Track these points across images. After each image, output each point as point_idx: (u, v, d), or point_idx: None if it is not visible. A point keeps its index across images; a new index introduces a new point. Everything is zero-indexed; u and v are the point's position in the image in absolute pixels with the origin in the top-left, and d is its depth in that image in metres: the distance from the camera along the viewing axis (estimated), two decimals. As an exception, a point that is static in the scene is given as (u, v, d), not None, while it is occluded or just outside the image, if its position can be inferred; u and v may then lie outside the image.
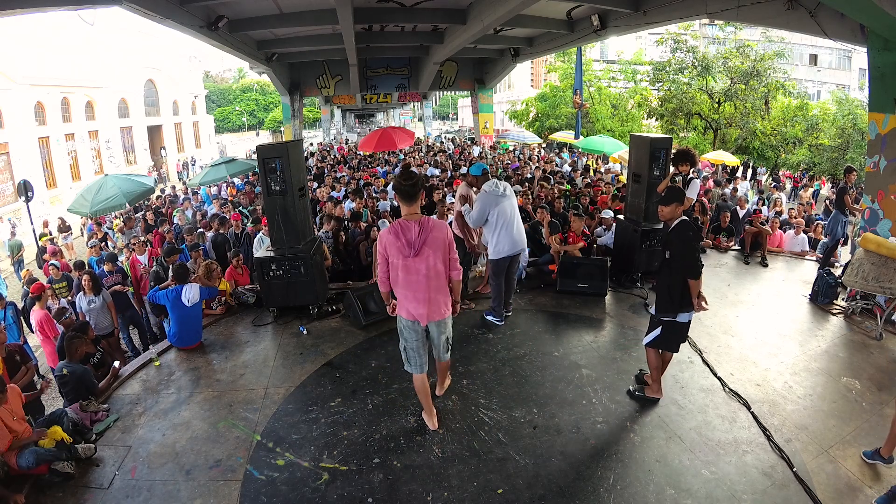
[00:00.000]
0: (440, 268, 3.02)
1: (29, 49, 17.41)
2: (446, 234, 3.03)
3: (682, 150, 5.15)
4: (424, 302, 3.03)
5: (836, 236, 6.23)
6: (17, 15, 6.58)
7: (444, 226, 3.06)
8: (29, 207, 11.35)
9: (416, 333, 3.17)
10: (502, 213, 4.56)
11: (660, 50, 21.60)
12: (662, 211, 3.43)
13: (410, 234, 2.94)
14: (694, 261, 3.33)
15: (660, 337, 3.49)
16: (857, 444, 3.21)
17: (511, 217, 4.60)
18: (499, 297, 4.85)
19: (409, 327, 3.15)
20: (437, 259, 2.99)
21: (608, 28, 9.99)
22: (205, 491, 2.98)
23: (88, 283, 5.42)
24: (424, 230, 2.94)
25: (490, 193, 4.56)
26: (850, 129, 17.90)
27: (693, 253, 3.34)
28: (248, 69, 22.60)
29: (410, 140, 13.02)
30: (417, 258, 2.95)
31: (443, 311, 3.13)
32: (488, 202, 4.55)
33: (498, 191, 4.58)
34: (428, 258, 2.96)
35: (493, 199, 4.55)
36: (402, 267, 2.98)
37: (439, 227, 3.00)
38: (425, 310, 3.05)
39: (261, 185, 5.11)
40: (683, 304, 3.39)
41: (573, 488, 2.90)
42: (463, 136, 31.57)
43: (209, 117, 37.14)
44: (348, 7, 8.66)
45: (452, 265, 3.10)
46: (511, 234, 4.59)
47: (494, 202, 4.54)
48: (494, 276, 4.80)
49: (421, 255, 2.95)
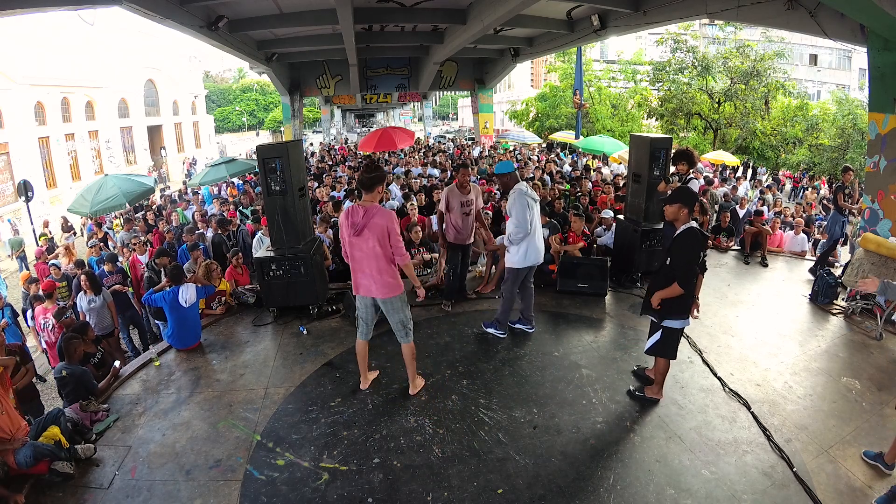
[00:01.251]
0: (379, 250, 3.36)
1: (29, 49, 17.41)
2: (388, 222, 3.34)
3: (681, 149, 5.16)
4: (367, 277, 3.45)
5: (834, 236, 6.22)
6: (17, 15, 6.59)
7: (388, 215, 3.37)
8: (29, 207, 11.36)
9: (364, 305, 3.61)
10: (536, 218, 4.26)
11: (660, 50, 21.63)
12: (666, 210, 3.41)
13: (357, 216, 3.36)
14: (687, 271, 3.27)
15: (659, 342, 3.48)
16: (857, 444, 3.21)
17: (538, 223, 4.33)
18: (508, 310, 4.53)
19: (361, 301, 3.61)
20: (375, 242, 3.34)
21: (608, 28, 9.99)
22: (205, 491, 2.98)
23: (86, 282, 5.42)
24: (368, 215, 3.34)
25: (526, 194, 4.19)
26: (850, 129, 17.90)
27: (690, 263, 3.29)
28: (248, 69, 22.61)
29: (410, 140, 13.02)
30: (359, 238, 3.36)
31: (386, 290, 3.46)
32: (527, 204, 4.16)
33: (531, 192, 4.26)
34: (368, 240, 3.34)
35: (530, 202, 4.20)
36: (349, 244, 3.43)
37: (382, 216, 3.35)
38: (367, 283, 3.47)
39: (261, 185, 5.11)
40: (680, 310, 3.36)
41: (573, 488, 2.90)
42: (463, 135, 31.58)
43: (209, 117, 37.14)
44: (348, 7, 8.66)
45: (395, 251, 3.40)
46: (537, 241, 4.31)
47: (531, 205, 4.20)
48: (510, 285, 4.42)
49: (362, 236, 3.34)
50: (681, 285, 3.27)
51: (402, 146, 12.52)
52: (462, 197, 5.03)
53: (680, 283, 3.27)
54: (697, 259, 3.40)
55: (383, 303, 3.52)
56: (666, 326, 3.43)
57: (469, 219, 5.08)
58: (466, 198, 5.04)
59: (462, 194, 5.04)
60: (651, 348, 3.55)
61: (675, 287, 3.28)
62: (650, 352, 3.59)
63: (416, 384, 3.82)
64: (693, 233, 3.29)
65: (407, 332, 3.60)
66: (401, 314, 3.56)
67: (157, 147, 27.05)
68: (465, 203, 5.03)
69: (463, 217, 5.03)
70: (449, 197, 5.05)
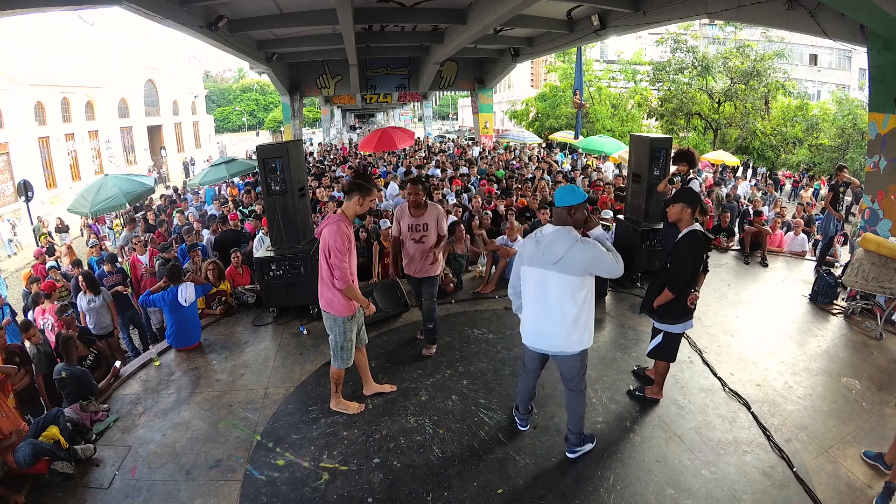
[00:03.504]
0: (322, 263, 3.18)
1: (29, 49, 17.41)
2: (328, 236, 3.10)
3: (682, 149, 5.16)
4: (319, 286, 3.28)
5: (829, 234, 6.22)
6: (17, 15, 6.58)
7: (332, 227, 3.10)
8: (29, 207, 11.37)
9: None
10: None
11: (660, 50, 21.64)
12: (669, 211, 3.38)
13: (321, 225, 3.20)
14: (683, 276, 3.21)
15: (660, 346, 3.48)
16: (857, 444, 3.20)
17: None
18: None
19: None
20: (321, 255, 3.17)
21: (608, 28, 9.99)
22: (205, 491, 2.98)
23: (84, 282, 5.41)
24: (321, 225, 3.16)
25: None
26: (850, 129, 17.91)
27: (686, 268, 3.22)
28: (248, 69, 22.60)
29: (410, 140, 13.03)
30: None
31: (323, 304, 3.28)
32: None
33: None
34: (320, 250, 3.17)
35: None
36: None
37: (328, 228, 3.12)
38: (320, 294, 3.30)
39: (261, 185, 5.11)
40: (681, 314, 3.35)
41: (573, 488, 2.90)
42: (463, 135, 31.57)
43: (209, 117, 37.15)
44: (348, 7, 8.66)
45: (333, 268, 3.14)
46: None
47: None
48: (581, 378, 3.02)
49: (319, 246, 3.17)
50: (673, 292, 3.25)
51: (402, 146, 12.53)
52: (412, 219, 4.05)
53: (672, 290, 3.25)
54: (698, 265, 3.29)
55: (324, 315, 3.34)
56: (666, 331, 3.42)
57: (420, 247, 4.06)
58: (418, 221, 4.04)
59: (413, 216, 4.06)
60: (652, 351, 3.56)
61: (666, 293, 3.27)
62: (651, 355, 3.60)
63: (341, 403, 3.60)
64: (696, 236, 3.24)
65: (335, 353, 3.37)
66: (335, 335, 3.34)
67: (157, 147, 27.05)
68: (415, 227, 4.05)
69: (412, 244, 4.07)
70: (398, 219, 4.17)
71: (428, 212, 4.04)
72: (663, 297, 3.30)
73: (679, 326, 3.40)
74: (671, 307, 3.34)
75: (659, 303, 3.34)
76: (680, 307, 3.33)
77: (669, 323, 3.40)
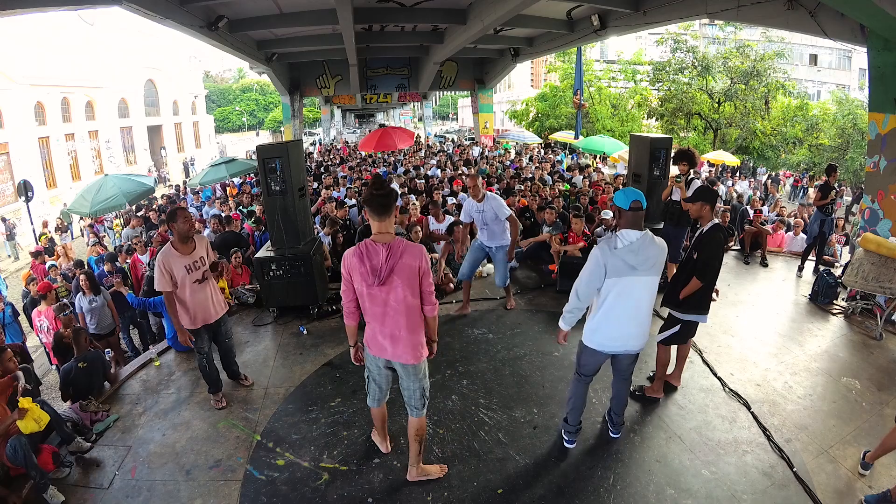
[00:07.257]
0: (410, 301, 2.53)
1: (29, 49, 17.42)
2: (420, 261, 2.51)
3: (682, 149, 5.16)
4: (388, 337, 2.60)
5: (813, 234, 6.18)
6: (17, 15, 6.58)
7: (419, 251, 2.52)
8: (29, 207, 11.37)
9: (378, 369, 2.78)
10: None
11: (660, 50, 21.62)
12: (690, 210, 3.49)
13: (377, 258, 2.44)
14: (714, 267, 3.36)
15: (676, 334, 3.54)
16: (857, 444, 3.21)
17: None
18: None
19: (373, 361, 2.76)
20: (406, 290, 2.50)
21: (608, 28, 9.98)
22: (205, 491, 2.98)
23: (86, 282, 5.42)
24: (393, 255, 2.44)
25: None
26: (850, 129, 17.92)
27: (717, 259, 3.38)
28: (248, 69, 22.57)
29: (410, 140, 13.03)
30: (383, 287, 2.48)
31: (411, 355, 2.62)
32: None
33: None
34: (396, 288, 2.48)
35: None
36: (366, 296, 2.53)
37: (411, 253, 2.49)
38: (389, 346, 2.62)
39: (261, 184, 5.11)
40: (704, 305, 3.44)
41: (573, 488, 2.90)
42: (463, 135, 31.56)
43: (209, 117, 37.18)
44: (348, 7, 8.65)
45: (426, 298, 2.59)
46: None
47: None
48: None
49: (387, 283, 2.47)
50: (703, 281, 3.33)
51: (401, 146, 12.53)
52: (185, 259, 3.44)
53: (702, 279, 3.32)
54: (722, 255, 3.47)
55: (405, 367, 2.68)
56: (686, 320, 3.49)
57: (205, 287, 3.55)
58: (190, 259, 3.47)
59: (182, 254, 3.45)
60: (666, 339, 3.58)
61: (694, 282, 3.33)
62: (663, 342, 3.61)
63: (423, 470, 2.96)
64: (719, 228, 3.39)
65: (425, 402, 2.80)
66: (424, 381, 2.77)
67: (157, 147, 27.07)
68: (191, 266, 3.47)
69: (192, 287, 3.47)
70: (168, 266, 3.37)
71: (199, 242, 3.61)
72: (692, 286, 3.36)
73: (701, 317, 3.48)
74: (692, 297, 3.40)
75: (686, 293, 3.39)
76: (699, 297, 3.40)
77: (692, 313, 3.46)
